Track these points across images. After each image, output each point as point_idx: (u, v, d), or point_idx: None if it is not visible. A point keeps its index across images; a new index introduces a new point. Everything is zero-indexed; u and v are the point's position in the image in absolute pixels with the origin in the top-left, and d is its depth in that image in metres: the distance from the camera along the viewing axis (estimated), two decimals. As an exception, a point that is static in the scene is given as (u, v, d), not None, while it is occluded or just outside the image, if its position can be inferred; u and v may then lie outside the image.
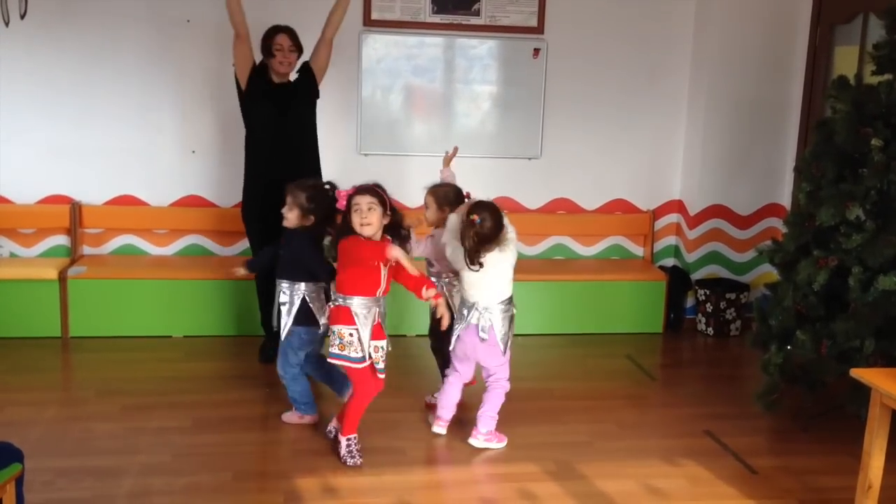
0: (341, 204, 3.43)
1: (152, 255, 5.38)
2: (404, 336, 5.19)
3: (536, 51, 5.39)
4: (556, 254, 5.73)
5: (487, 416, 3.71)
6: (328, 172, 5.41)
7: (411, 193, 5.34)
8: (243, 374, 4.52)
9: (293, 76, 4.51)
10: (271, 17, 4.52)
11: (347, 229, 3.41)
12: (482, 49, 5.38)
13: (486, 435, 3.70)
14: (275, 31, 4.35)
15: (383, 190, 3.48)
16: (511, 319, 3.67)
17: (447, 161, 4.33)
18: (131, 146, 5.20)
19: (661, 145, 5.67)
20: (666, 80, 5.57)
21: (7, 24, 4.17)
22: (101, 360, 4.65)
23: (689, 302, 5.62)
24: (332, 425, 3.70)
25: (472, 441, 3.70)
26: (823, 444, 3.81)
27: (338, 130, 5.35)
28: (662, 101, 5.60)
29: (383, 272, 3.43)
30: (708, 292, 5.45)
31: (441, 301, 3.50)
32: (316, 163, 4.62)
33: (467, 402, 3.93)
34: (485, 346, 3.63)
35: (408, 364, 4.79)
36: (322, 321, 3.72)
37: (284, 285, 3.73)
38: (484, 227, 3.45)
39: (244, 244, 5.39)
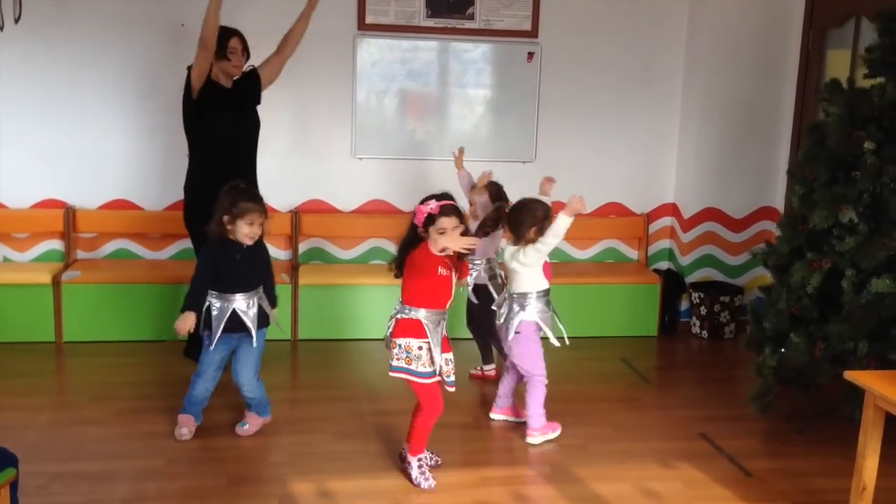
0: (419, 220, 3.27)
1: (146, 259, 5.37)
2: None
3: (530, 54, 5.40)
4: (551, 257, 5.71)
5: (534, 414, 3.80)
6: (325, 176, 5.44)
7: (406, 197, 5.37)
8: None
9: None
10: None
11: (418, 240, 3.29)
12: (476, 53, 5.39)
13: (540, 430, 3.81)
14: (228, 33, 4.27)
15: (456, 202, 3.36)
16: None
17: (460, 163, 4.53)
18: (125, 150, 5.20)
19: (655, 148, 5.68)
20: (659, 84, 5.59)
21: (1, 28, 4.16)
22: (95, 365, 4.64)
23: (684, 305, 5.64)
24: (404, 446, 3.57)
25: (529, 440, 3.80)
26: (818, 447, 3.82)
27: (332, 134, 5.36)
28: (656, 105, 5.61)
29: (454, 281, 3.36)
30: (702, 295, 5.46)
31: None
32: (256, 165, 4.58)
33: (469, 399, 3.93)
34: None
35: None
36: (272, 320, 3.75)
37: (239, 296, 3.63)
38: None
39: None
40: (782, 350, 3.79)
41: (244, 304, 3.65)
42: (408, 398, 4.25)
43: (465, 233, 3.32)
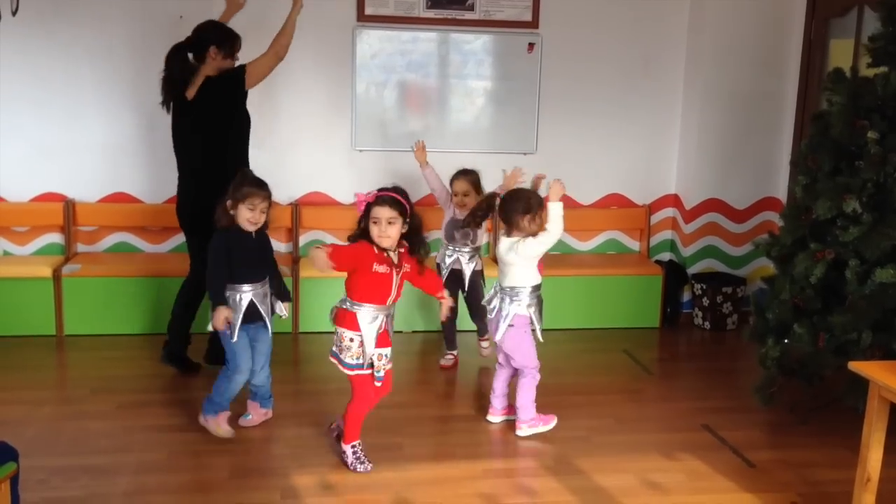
0: (359, 209, 3.32)
1: (146, 252, 5.35)
2: (400, 332, 5.18)
3: (531, 45, 5.38)
4: (552, 249, 5.70)
5: (524, 406, 3.78)
6: (325, 168, 5.43)
7: (406, 189, 5.34)
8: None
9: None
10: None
11: (362, 233, 3.32)
12: (476, 44, 5.36)
13: (528, 422, 3.78)
14: (237, 36, 4.28)
15: (405, 195, 3.35)
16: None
17: (423, 158, 4.54)
18: (125, 143, 5.18)
19: (657, 139, 5.66)
20: (661, 74, 5.56)
21: (-1, 20, 4.15)
22: (96, 358, 4.63)
23: (686, 296, 5.62)
24: (336, 423, 3.66)
25: (519, 433, 3.78)
26: (821, 438, 3.81)
27: (332, 126, 5.34)
28: (658, 95, 5.59)
29: (395, 280, 3.34)
30: (704, 286, 5.44)
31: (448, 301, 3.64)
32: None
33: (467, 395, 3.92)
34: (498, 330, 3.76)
35: (404, 360, 4.79)
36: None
37: (247, 287, 3.61)
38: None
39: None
40: (786, 341, 3.78)
41: (260, 294, 3.64)
42: (407, 391, 4.26)
43: (413, 226, 3.35)
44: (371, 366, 3.37)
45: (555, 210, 3.64)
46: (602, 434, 3.84)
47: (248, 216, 3.56)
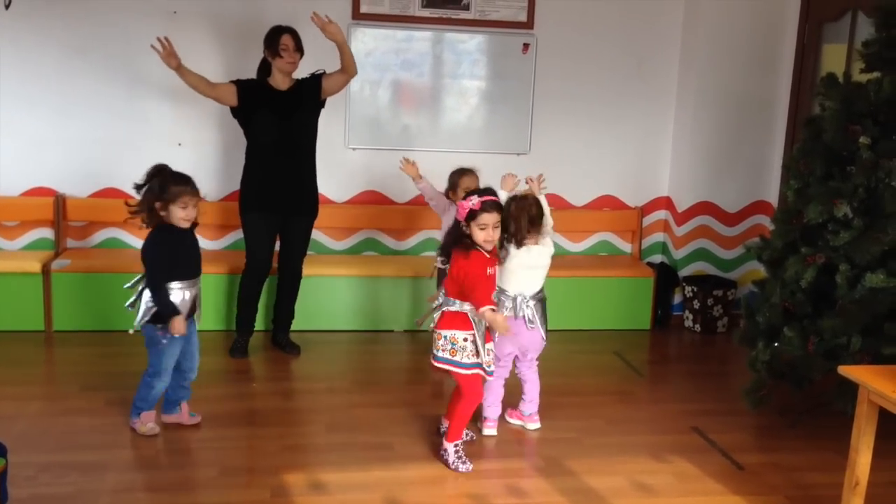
0: (461, 215, 3.34)
1: (136, 248, 5.32)
2: (391, 332, 5.18)
3: (526, 46, 5.38)
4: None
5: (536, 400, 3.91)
6: (318, 166, 5.40)
7: (399, 188, 5.35)
8: (228, 368, 4.49)
9: (296, 76, 4.52)
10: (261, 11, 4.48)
11: (458, 238, 3.36)
12: (471, 44, 5.36)
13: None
14: (279, 31, 4.37)
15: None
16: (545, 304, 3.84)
17: (416, 172, 4.45)
18: (117, 139, 5.16)
19: (650, 141, 5.67)
20: (655, 77, 5.57)
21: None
22: (86, 355, 4.61)
23: (677, 298, 5.64)
24: (444, 424, 3.66)
25: (533, 426, 3.88)
26: (810, 441, 3.82)
27: (326, 124, 5.28)
28: (651, 98, 5.60)
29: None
30: (695, 289, 5.46)
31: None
32: (312, 164, 4.68)
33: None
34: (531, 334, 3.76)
35: (393, 359, 4.79)
36: None
37: (188, 284, 3.60)
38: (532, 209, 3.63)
39: (231, 238, 5.36)
40: (775, 344, 3.79)
41: (194, 290, 3.63)
42: (400, 390, 4.25)
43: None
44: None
45: (546, 204, 3.74)
46: (592, 435, 3.84)
47: (181, 214, 3.52)
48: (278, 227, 4.58)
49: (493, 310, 3.27)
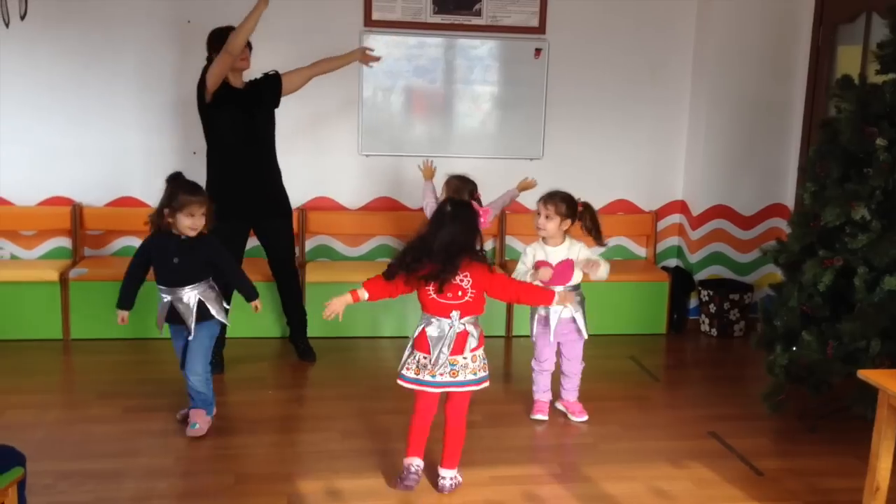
0: (485, 223, 3.33)
1: (153, 256, 5.35)
2: (406, 338, 5.17)
3: (538, 51, 5.38)
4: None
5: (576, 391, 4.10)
6: (331, 173, 5.43)
7: (412, 195, 5.35)
8: (245, 376, 4.50)
9: (248, 77, 4.48)
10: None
11: (476, 247, 3.25)
12: (483, 49, 5.36)
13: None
14: (228, 31, 4.27)
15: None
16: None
17: (430, 174, 4.49)
18: (132, 148, 5.19)
19: (664, 145, 5.65)
20: (668, 80, 5.55)
21: (7, 24, 4.16)
22: (103, 363, 4.64)
23: (693, 303, 5.61)
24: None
25: (580, 419, 4.03)
26: (830, 446, 3.79)
27: (338, 131, 5.34)
28: (664, 101, 5.58)
29: None
30: (711, 293, 5.43)
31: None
32: (277, 165, 4.65)
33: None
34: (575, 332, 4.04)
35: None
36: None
37: (187, 289, 3.67)
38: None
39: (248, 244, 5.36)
40: (794, 348, 3.76)
41: (185, 297, 3.67)
42: (410, 398, 4.24)
43: None
44: None
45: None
46: (609, 441, 3.83)
47: (188, 223, 3.58)
48: (246, 234, 4.54)
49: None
